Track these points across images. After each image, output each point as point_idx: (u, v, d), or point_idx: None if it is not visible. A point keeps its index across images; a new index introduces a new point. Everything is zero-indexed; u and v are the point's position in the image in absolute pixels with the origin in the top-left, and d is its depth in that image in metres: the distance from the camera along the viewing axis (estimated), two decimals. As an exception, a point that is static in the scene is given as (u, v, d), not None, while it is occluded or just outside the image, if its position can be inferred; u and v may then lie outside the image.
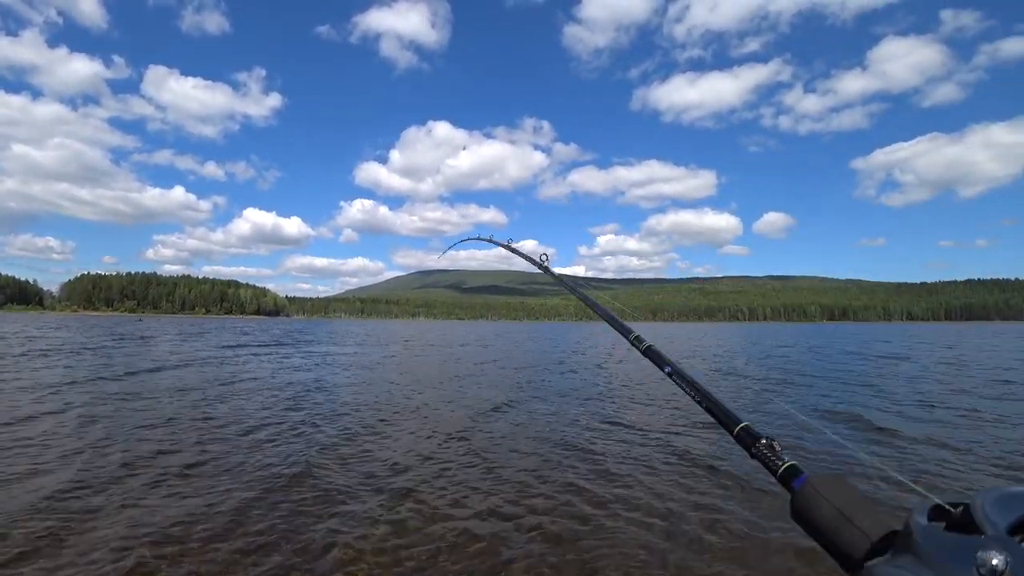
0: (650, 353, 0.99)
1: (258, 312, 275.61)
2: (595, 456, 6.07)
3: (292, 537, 3.72)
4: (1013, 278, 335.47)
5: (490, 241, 2.85)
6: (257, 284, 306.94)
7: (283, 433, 6.93)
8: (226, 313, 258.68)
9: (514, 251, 2.49)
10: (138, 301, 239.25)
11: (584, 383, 12.83)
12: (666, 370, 0.91)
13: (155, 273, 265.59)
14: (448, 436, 6.93)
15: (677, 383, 0.88)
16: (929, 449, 6.41)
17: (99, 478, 4.84)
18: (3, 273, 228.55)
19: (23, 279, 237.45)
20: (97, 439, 6.32)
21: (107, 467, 5.20)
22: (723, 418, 0.79)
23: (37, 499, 4.25)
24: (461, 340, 37.06)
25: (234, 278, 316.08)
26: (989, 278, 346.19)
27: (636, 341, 1.07)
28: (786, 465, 0.69)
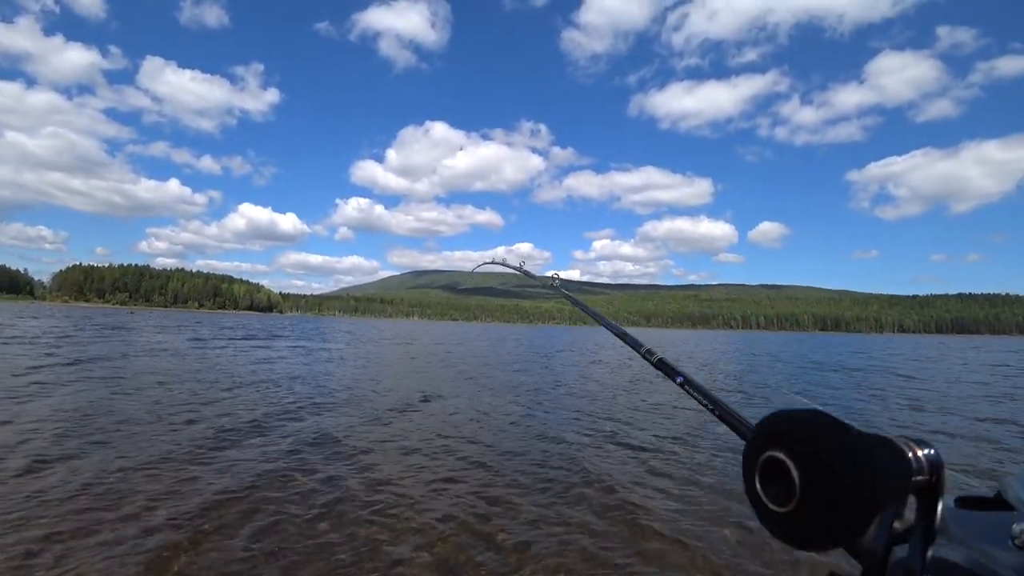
0: (661, 365, 1.02)
1: (251, 308, 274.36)
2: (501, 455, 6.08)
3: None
4: (1003, 293, 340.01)
5: (504, 265, 3.08)
6: (251, 280, 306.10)
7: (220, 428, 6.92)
8: (219, 308, 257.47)
9: (527, 275, 2.67)
10: (130, 294, 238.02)
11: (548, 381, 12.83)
12: (678, 380, 0.92)
13: (148, 266, 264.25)
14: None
15: (690, 392, 0.88)
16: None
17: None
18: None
19: (14, 268, 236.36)
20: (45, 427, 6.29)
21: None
22: (737, 425, 0.78)
23: None
24: (455, 342, 36.96)
25: (228, 273, 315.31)
26: (980, 292, 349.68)
27: (647, 354, 1.09)
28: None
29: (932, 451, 0.45)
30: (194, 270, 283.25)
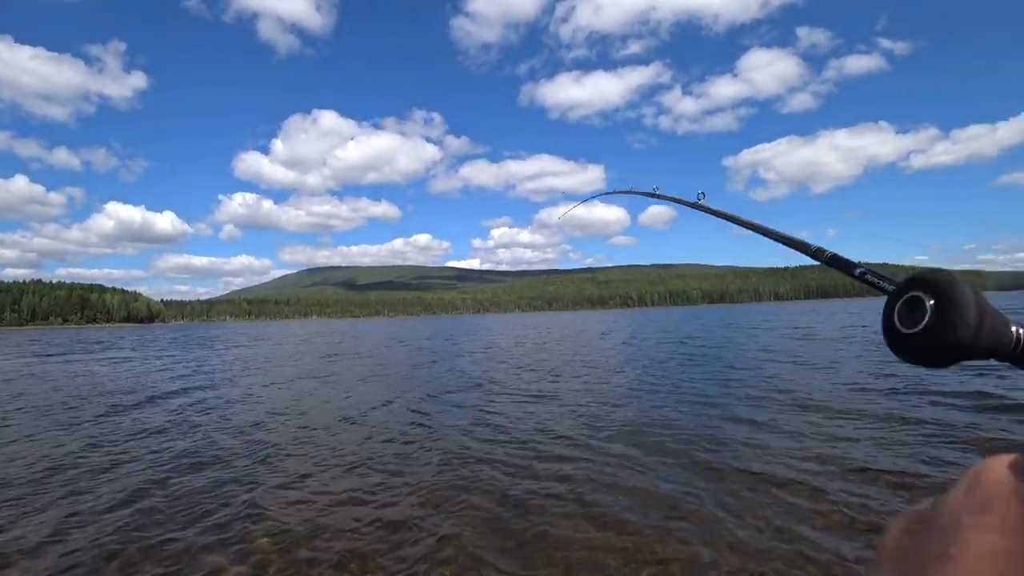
0: (834, 261, 1.01)
1: (128, 319, 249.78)
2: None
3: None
4: (856, 261, 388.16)
5: (631, 192, 2.63)
6: (126, 288, 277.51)
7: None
8: (89, 322, 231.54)
9: (663, 197, 2.27)
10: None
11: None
12: (856, 272, 0.90)
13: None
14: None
15: (870, 281, 0.85)
16: None
17: None
18: None
19: None
20: None
21: None
22: (885, 287, 0.75)
23: None
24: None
25: (98, 282, 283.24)
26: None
27: (817, 252, 1.07)
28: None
29: None
30: (54, 281, 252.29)
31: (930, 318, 0.55)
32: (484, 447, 6.33)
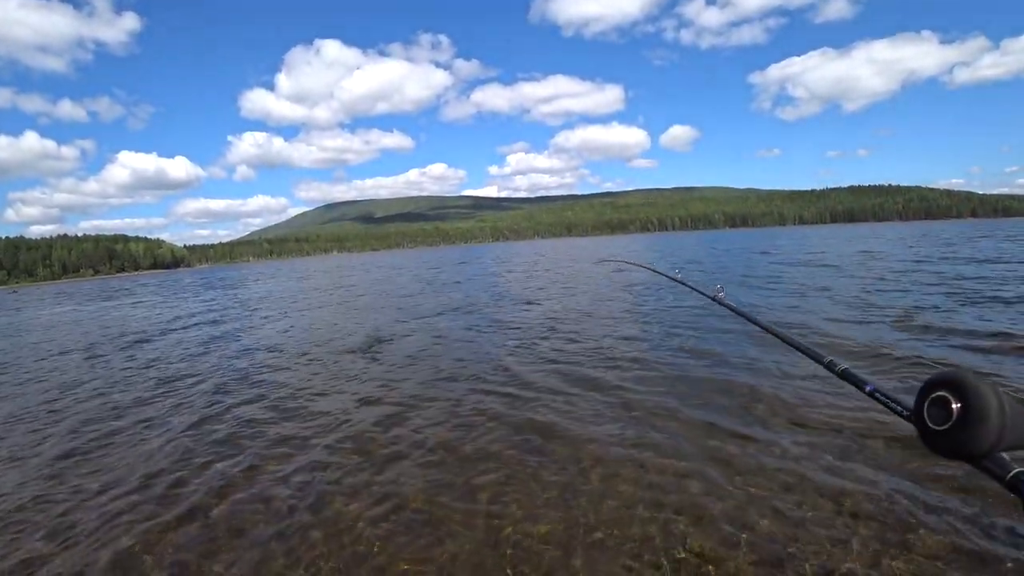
0: (847, 375, 1.03)
1: (155, 266, 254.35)
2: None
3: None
4: (887, 183, 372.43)
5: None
6: (149, 236, 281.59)
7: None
8: (118, 271, 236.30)
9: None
10: (8, 271, 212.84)
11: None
12: (867, 388, 0.94)
13: (21, 236, 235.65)
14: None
15: (880, 400, 0.90)
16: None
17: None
18: None
19: None
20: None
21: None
22: (901, 411, 0.85)
23: None
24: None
25: (121, 231, 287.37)
26: (868, 184, 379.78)
27: (830, 365, 1.08)
28: (1014, 472, 0.68)
29: None
30: (80, 234, 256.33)
31: (955, 421, 0.62)
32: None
